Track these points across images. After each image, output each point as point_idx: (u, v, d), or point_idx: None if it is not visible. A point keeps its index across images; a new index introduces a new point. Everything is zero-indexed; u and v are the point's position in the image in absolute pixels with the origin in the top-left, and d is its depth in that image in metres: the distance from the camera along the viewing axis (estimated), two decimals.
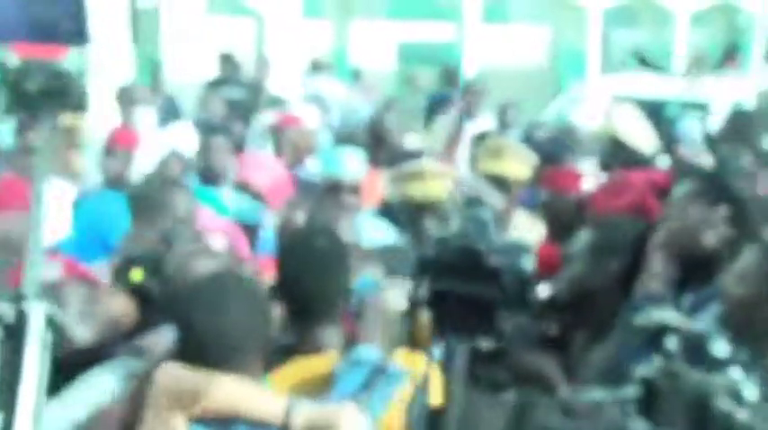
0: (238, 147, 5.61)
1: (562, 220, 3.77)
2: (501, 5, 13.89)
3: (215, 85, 7.89)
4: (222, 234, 3.05)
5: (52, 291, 2.35)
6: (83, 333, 2.33)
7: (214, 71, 8.46)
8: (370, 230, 3.58)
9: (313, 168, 4.75)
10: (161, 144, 5.44)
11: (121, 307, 2.42)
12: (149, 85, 7.51)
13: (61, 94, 1.54)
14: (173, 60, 9.78)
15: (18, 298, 1.46)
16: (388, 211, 3.97)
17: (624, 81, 8.75)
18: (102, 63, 8.84)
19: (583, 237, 2.83)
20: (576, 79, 10.47)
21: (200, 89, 7.78)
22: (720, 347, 1.43)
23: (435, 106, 7.95)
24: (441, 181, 3.82)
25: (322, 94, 7.91)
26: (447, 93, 8.34)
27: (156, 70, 8.56)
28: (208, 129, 5.14)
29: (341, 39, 13.63)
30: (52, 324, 1.46)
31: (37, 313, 1.45)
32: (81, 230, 3.55)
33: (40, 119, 1.56)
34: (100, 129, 6.97)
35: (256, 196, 3.79)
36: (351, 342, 2.29)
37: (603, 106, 6.57)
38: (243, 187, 3.78)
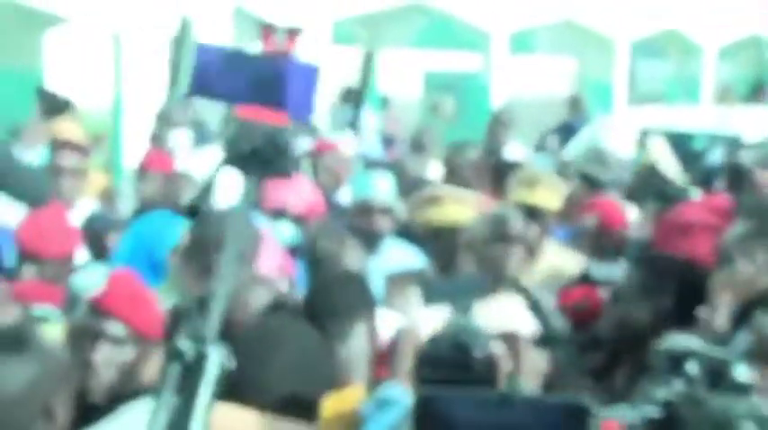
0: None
1: (606, 252, 3.86)
2: (528, 36, 13.98)
3: None
4: (279, 262, 3.12)
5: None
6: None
7: None
8: (400, 254, 3.66)
9: (347, 194, 4.84)
10: (197, 167, 5.54)
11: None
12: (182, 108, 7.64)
13: (272, 159, 1.57)
14: None
15: (199, 338, 1.48)
16: (410, 236, 4.05)
17: (651, 113, 8.80)
18: (138, 86, 8.99)
19: (632, 274, 2.88)
20: (603, 111, 10.52)
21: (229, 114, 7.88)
22: (743, 372, 1.49)
23: (562, 133, 8.06)
24: (459, 205, 3.89)
25: (354, 121, 7.99)
26: (573, 120, 8.47)
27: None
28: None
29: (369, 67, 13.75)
30: (224, 371, 1.48)
31: (215, 357, 1.47)
32: (128, 252, 3.64)
33: (246, 178, 1.60)
34: (135, 151, 7.10)
35: (294, 221, 3.85)
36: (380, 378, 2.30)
37: (631, 138, 6.63)
38: (280, 212, 3.85)
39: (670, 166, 4.96)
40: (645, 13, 13.61)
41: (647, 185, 4.60)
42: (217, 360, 1.48)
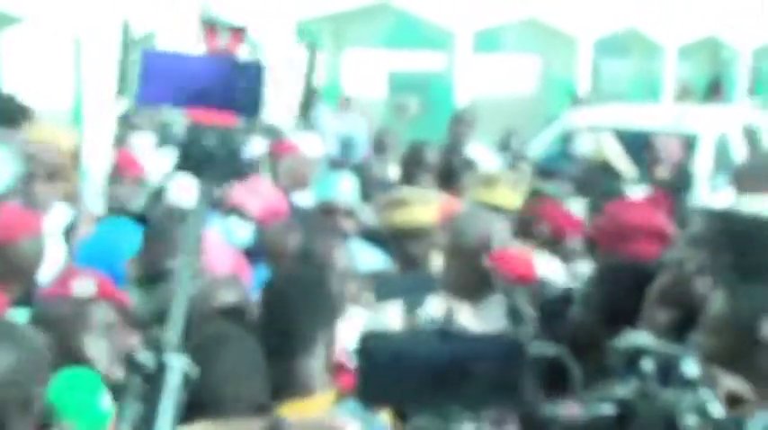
0: None
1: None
2: (492, 35, 14.04)
3: None
4: (229, 261, 3.11)
5: (80, 307, 2.41)
6: (108, 367, 2.36)
7: None
8: (361, 256, 3.66)
9: (308, 196, 4.84)
10: (160, 170, 5.51)
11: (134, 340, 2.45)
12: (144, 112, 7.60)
13: (226, 162, 1.57)
14: None
15: (159, 348, 1.47)
16: (374, 238, 4.05)
17: (612, 112, 8.88)
18: (98, 89, 8.92)
19: (589, 278, 2.92)
20: (566, 109, 10.59)
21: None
22: (691, 368, 1.52)
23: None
24: (425, 207, 3.90)
25: (317, 122, 8.00)
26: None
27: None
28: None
29: (333, 67, 13.76)
30: (187, 380, 1.48)
31: (176, 367, 1.47)
32: (87, 257, 3.61)
33: (201, 182, 1.59)
34: (95, 155, 7.03)
35: (251, 222, 3.84)
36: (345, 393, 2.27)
37: (591, 136, 6.69)
38: (237, 212, 3.84)
39: (621, 162, 5.03)
40: (608, 12, 13.71)
41: (597, 180, 4.66)
42: (178, 368, 1.47)
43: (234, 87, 1.58)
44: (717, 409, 1.35)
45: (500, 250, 3.27)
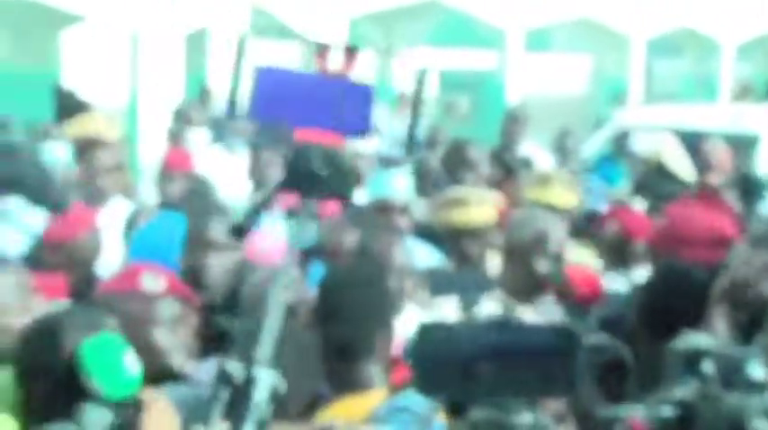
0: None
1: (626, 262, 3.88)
2: (543, 34, 13.97)
3: None
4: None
5: (150, 303, 2.46)
6: (177, 358, 2.42)
7: None
8: (416, 253, 3.66)
9: (360, 194, 4.85)
10: (217, 165, 5.57)
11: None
12: (198, 107, 7.69)
13: (329, 180, 1.60)
14: (219, 83, 9.98)
15: (250, 360, 1.49)
16: (431, 237, 4.05)
17: (667, 111, 8.78)
18: (154, 85, 9.04)
19: (647, 283, 2.91)
20: (618, 109, 10.50)
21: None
22: (757, 370, 1.51)
23: None
24: (483, 207, 3.90)
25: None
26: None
27: (204, 92, 8.73)
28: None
29: (384, 65, 13.79)
30: (275, 395, 1.50)
31: (266, 380, 1.48)
32: (139, 252, 3.67)
33: (306, 200, 1.63)
34: (151, 150, 7.13)
35: (311, 219, 3.85)
36: (402, 386, 2.27)
37: (647, 137, 6.63)
38: (294, 212, 3.84)
39: (681, 164, 4.97)
40: (661, 11, 13.57)
41: (656, 183, 4.62)
42: (267, 383, 1.49)
43: (344, 108, 1.61)
44: None
45: (569, 269, 3.29)
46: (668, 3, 13.63)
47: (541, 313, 3.15)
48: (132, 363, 2.02)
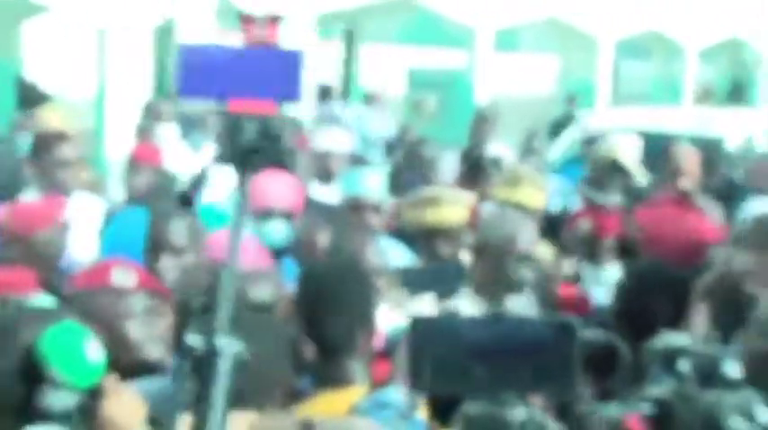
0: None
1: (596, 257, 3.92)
2: (512, 34, 14.02)
3: None
4: (253, 257, 3.12)
5: (120, 297, 2.44)
6: (152, 351, 2.40)
7: None
8: (388, 252, 3.66)
9: (326, 191, 4.83)
10: (186, 160, 5.52)
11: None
12: (167, 102, 7.64)
13: (269, 151, 1.58)
14: None
15: (210, 331, 1.48)
16: (402, 236, 4.05)
17: (633, 113, 8.84)
18: (121, 79, 8.95)
19: (623, 279, 2.93)
20: (586, 110, 10.56)
21: (210, 106, 7.87)
22: (733, 368, 1.52)
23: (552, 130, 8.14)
24: (455, 207, 3.90)
25: (337, 117, 8.01)
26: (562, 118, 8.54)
27: (172, 87, 8.67)
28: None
29: (351, 63, 13.77)
30: (239, 362, 1.49)
31: (228, 350, 1.48)
32: (110, 247, 3.63)
33: (246, 173, 1.61)
34: (119, 145, 7.06)
35: (283, 219, 3.82)
36: (382, 381, 2.28)
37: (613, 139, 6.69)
38: (267, 212, 3.80)
39: (635, 163, 5.05)
40: (629, 13, 13.67)
41: (609, 180, 4.71)
42: (229, 352, 1.48)
43: (273, 76, 1.60)
44: (763, 412, 1.34)
45: (563, 290, 3.31)
46: (636, 5, 13.73)
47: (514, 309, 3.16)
48: (94, 350, 1.99)
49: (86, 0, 8.89)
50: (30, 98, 7.53)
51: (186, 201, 3.33)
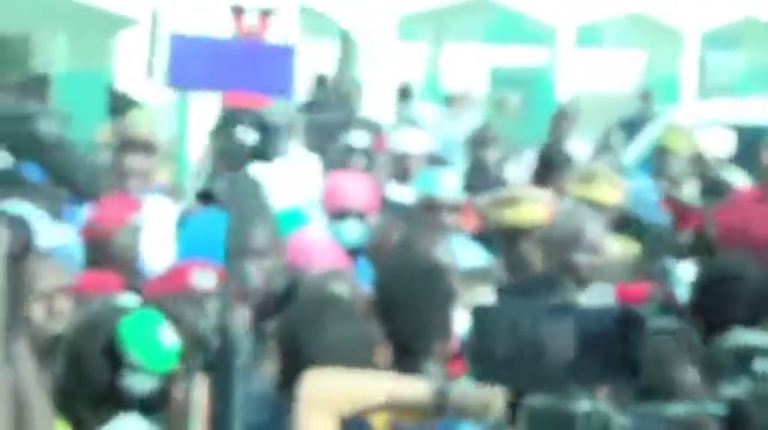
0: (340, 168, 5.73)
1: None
2: (594, 30, 13.84)
3: (307, 107, 8.05)
4: (330, 257, 3.14)
5: (200, 301, 2.48)
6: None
7: (307, 93, 8.63)
8: (464, 253, 3.64)
9: (403, 192, 4.82)
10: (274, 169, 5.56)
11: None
12: None
13: (262, 148, 1.60)
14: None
15: (225, 328, 1.52)
16: (483, 237, 4.03)
17: (721, 107, 8.62)
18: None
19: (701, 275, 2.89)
20: (671, 105, 10.35)
21: (295, 113, 7.94)
22: None
23: (626, 129, 8.04)
24: (534, 206, 3.88)
25: (417, 118, 8.01)
26: (638, 116, 8.44)
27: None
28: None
29: (434, 62, 13.75)
30: (251, 357, 1.54)
31: (241, 346, 1.52)
32: (186, 249, 3.68)
33: (240, 167, 1.63)
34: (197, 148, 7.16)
35: (359, 219, 3.83)
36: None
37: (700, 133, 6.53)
38: (344, 213, 3.81)
39: (718, 158, 4.93)
40: (714, 3, 13.36)
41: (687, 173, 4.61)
42: (243, 347, 1.50)
43: (265, 69, 1.59)
44: None
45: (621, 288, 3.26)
46: None
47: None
48: (169, 336, 2.05)
49: (173, 13, 9.07)
50: (120, 106, 7.71)
51: (208, 196, 3.36)
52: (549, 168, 4.99)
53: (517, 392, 1.43)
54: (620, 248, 3.80)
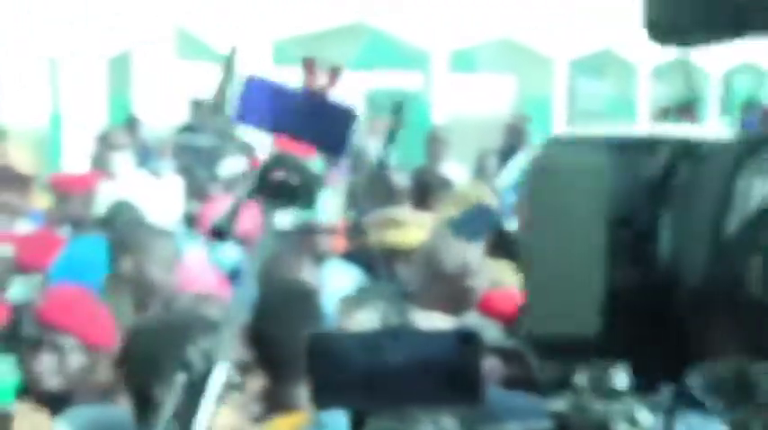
0: (203, 193, 5.75)
1: None
2: (468, 54, 14.15)
3: (184, 131, 8.01)
4: (210, 280, 3.15)
5: None
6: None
7: (184, 117, 8.59)
8: (344, 275, 3.69)
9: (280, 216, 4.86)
10: (143, 190, 5.54)
11: None
12: (123, 131, 7.64)
13: (295, 191, 1.62)
14: (144, 106, 9.91)
15: (208, 354, 1.52)
16: (361, 258, 4.07)
17: (590, 130, 8.93)
18: (77, 109, 8.94)
19: None
20: (543, 129, 10.68)
21: (169, 135, 7.89)
22: (621, 379, 1.54)
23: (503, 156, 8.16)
24: (418, 229, 3.93)
25: None
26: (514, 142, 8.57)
27: (130, 116, 8.68)
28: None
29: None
30: (228, 388, 1.53)
31: (221, 374, 1.52)
32: (62, 274, 3.64)
33: (268, 207, 1.65)
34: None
35: (238, 242, 3.86)
36: None
37: None
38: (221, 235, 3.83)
39: None
40: (583, 32, 13.85)
41: None
42: (222, 376, 1.52)
43: (324, 126, 1.65)
44: (645, 417, 1.39)
45: (488, 293, 3.32)
46: (589, 24, 13.92)
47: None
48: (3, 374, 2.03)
49: (38, 29, 8.88)
50: None
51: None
52: (427, 192, 5.09)
53: (359, 417, 1.40)
54: (498, 271, 3.90)
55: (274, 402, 2.37)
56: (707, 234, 1.16)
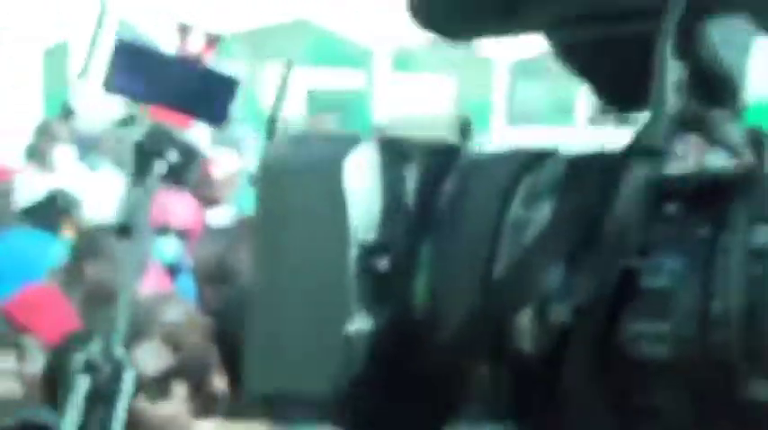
0: None
1: None
2: (410, 55, 14.20)
3: (121, 124, 7.89)
4: (153, 277, 3.10)
5: None
6: None
7: (121, 110, 8.46)
8: None
9: (224, 213, 4.82)
10: (84, 182, 5.45)
11: None
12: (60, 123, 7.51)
13: (179, 171, 1.56)
14: (80, 98, 9.75)
15: (110, 351, 1.50)
16: None
17: (529, 132, 9.05)
18: (11, 100, 8.76)
19: None
20: (482, 130, 10.76)
21: (107, 128, 7.77)
22: None
23: None
24: None
25: (236, 138, 7.98)
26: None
27: (67, 108, 8.53)
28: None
29: (251, 82, 13.72)
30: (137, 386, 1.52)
31: (130, 375, 1.52)
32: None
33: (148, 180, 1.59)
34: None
35: (178, 236, 3.82)
36: None
37: None
38: (163, 228, 3.80)
39: None
40: (523, 35, 13.96)
41: None
42: (131, 375, 1.49)
43: (204, 95, 1.60)
44: None
45: None
46: None
47: None
48: None
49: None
50: None
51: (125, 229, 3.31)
52: None
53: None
54: None
55: (236, 409, 2.33)
56: (471, 271, 0.87)
